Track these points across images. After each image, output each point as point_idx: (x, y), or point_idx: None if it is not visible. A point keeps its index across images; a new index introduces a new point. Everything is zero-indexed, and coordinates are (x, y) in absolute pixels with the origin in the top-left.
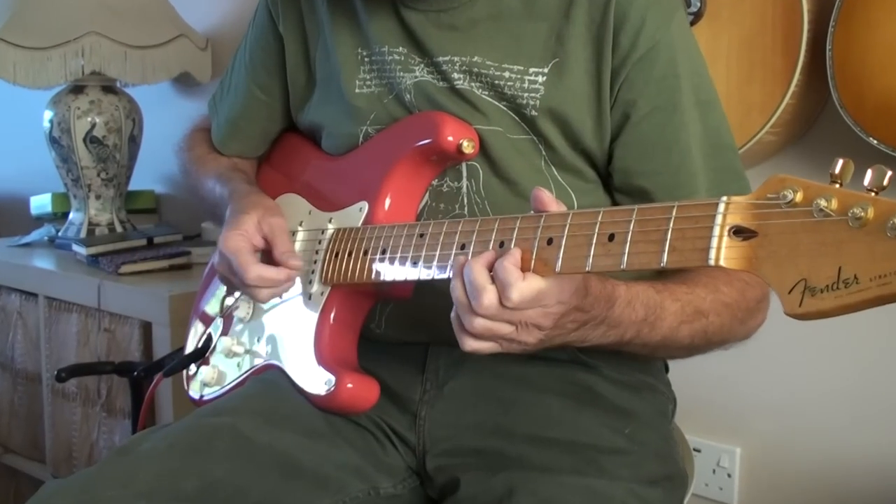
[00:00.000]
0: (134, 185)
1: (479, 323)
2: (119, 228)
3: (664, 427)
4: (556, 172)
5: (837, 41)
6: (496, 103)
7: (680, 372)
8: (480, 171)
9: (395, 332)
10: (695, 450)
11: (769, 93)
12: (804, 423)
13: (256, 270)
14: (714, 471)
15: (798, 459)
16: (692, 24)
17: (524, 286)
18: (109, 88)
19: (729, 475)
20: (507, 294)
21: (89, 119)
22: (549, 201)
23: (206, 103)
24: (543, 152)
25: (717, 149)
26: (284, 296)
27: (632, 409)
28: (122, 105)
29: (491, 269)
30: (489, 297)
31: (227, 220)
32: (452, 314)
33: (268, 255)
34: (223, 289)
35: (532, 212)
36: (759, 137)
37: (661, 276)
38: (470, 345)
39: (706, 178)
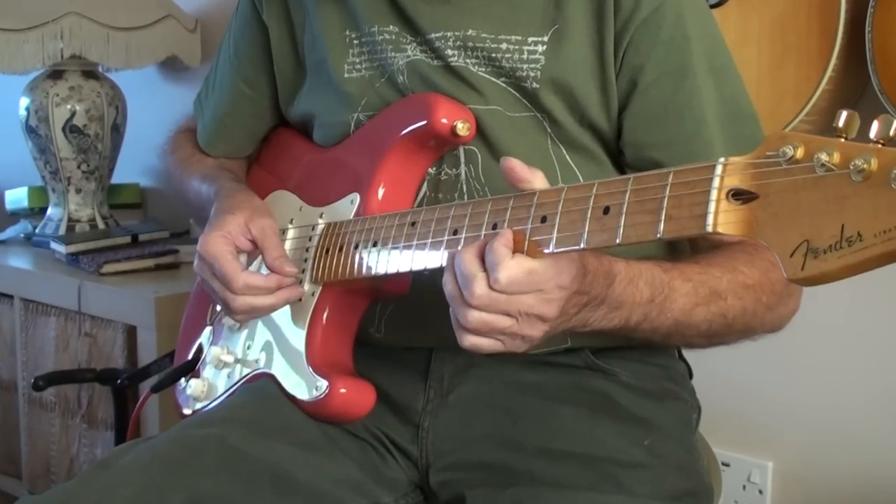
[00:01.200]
0: (117, 178)
1: (474, 316)
2: (101, 225)
3: (688, 438)
4: (563, 151)
5: (878, 22)
6: (494, 80)
7: (706, 379)
8: (479, 156)
9: (395, 337)
10: (723, 464)
11: (804, 78)
12: (841, 436)
13: (244, 278)
14: (744, 487)
15: (835, 475)
16: (719, 4)
17: (513, 264)
18: (91, 73)
19: (760, 491)
20: (494, 275)
21: (69, 106)
22: (519, 167)
23: (195, 89)
24: (548, 129)
25: (736, 117)
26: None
27: (652, 419)
28: (105, 91)
29: (482, 256)
30: (480, 284)
31: (209, 221)
32: (451, 310)
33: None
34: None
35: (512, 186)
36: (793, 126)
37: (672, 256)
38: (468, 340)
39: (724, 150)
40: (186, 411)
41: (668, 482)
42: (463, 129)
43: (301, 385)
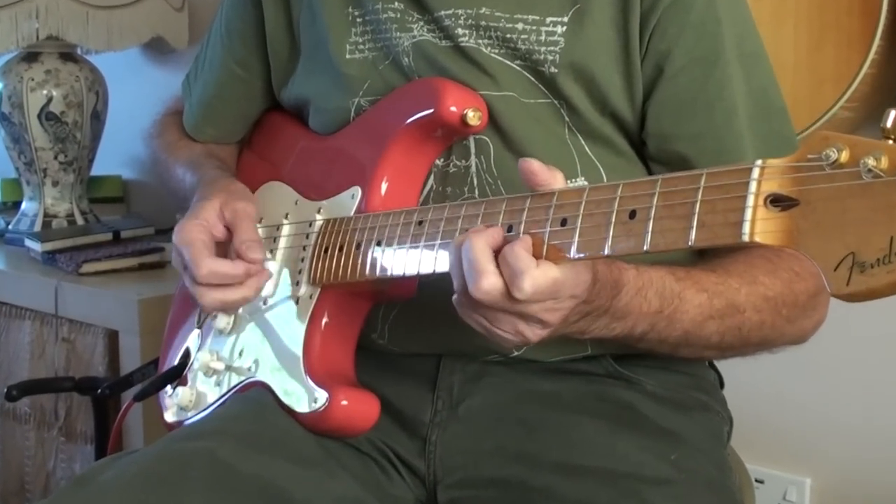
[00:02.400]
0: (97, 170)
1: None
2: (80, 221)
3: (718, 452)
4: (582, 142)
5: None
6: (508, 63)
7: (738, 388)
8: (491, 146)
9: (400, 343)
10: (757, 480)
11: (844, 61)
12: (885, 450)
13: (208, 264)
14: None
15: (878, 492)
16: None
17: (539, 274)
18: (69, 56)
19: None
20: (519, 284)
21: (45, 92)
22: (540, 171)
23: (182, 74)
24: (566, 117)
25: (765, 111)
26: (270, 301)
27: (679, 432)
28: (84, 75)
29: (496, 251)
30: (490, 280)
31: (188, 211)
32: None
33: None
34: None
35: (530, 189)
36: (832, 113)
37: (689, 260)
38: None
39: (753, 146)
40: (172, 421)
41: (697, 500)
42: (474, 117)
43: (298, 396)
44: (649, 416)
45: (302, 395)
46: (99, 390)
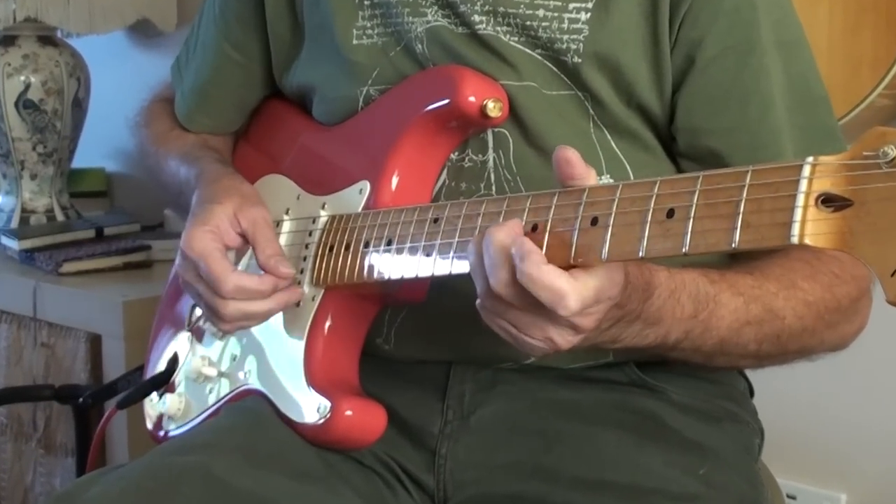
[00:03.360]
0: (79, 162)
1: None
2: (60, 217)
3: (749, 466)
4: (608, 137)
5: None
6: (529, 52)
7: (770, 397)
8: (510, 140)
9: (408, 348)
10: (789, 496)
11: (883, 44)
12: None
13: (235, 280)
14: None
15: None
16: None
17: (580, 288)
18: (48, 39)
19: None
20: (564, 303)
21: (22, 78)
22: (578, 162)
23: (170, 59)
24: (591, 110)
25: (806, 102)
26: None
27: (708, 444)
28: (65, 60)
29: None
30: (502, 273)
31: (192, 212)
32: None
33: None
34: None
35: (563, 181)
36: (869, 101)
37: (723, 264)
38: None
39: (792, 139)
40: (156, 430)
41: None
42: (494, 108)
43: (299, 405)
44: (675, 427)
45: (302, 405)
46: (80, 399)
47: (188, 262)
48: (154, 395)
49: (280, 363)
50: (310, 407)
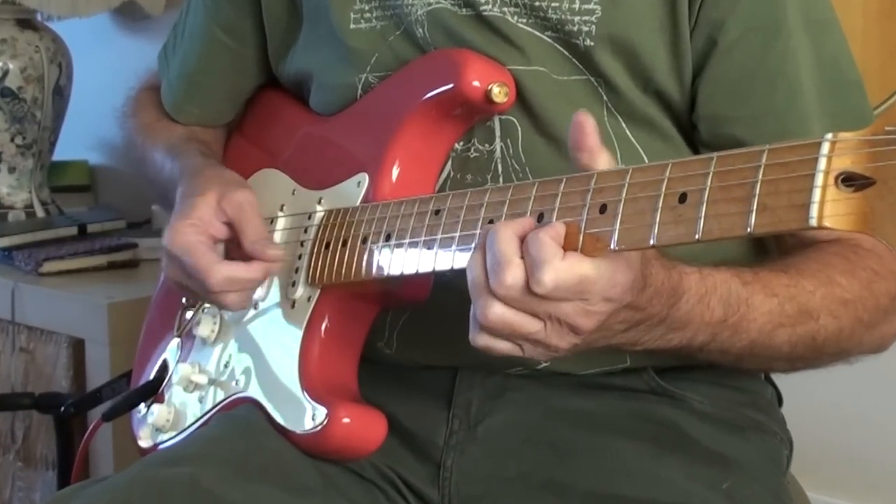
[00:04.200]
0: (60, 155)
1: (496, 312)
2: (40, 213)
3: (776, 480)
4: (622, 125)
5: None
6: (538, 34)
7: (798, 405)
8: (519, 128)
9: (410, 353)
10: None
11: None
12: None
13: (222, 271)
14: None
15: None
16: None
17: (563, 267)
18: (27, 23)
19: None
20: (538, 276)
21: (0, 64)
22: (592, 132)
23: (158, 44)
24: (604, 97)
25: (836, 86)
26: (261, 305)
27: (732, 456)
28: (45, 45)
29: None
30: (514, 273)
31: (175, 209)
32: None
33: (235, 248)
34: (182, 298)
35: (573, 154)
36: None
37: (756, 256)
38: (481, 339)
39: (822, 127)
40: (146, 445)
41: None
42: (500, 94)
43: (293, 413)
44: (697, 438)
45: (297, 413)
46: (62, 408)
47: (173, 261)
48: (142, 405)
49: (274, 368)
50: (305, 415)
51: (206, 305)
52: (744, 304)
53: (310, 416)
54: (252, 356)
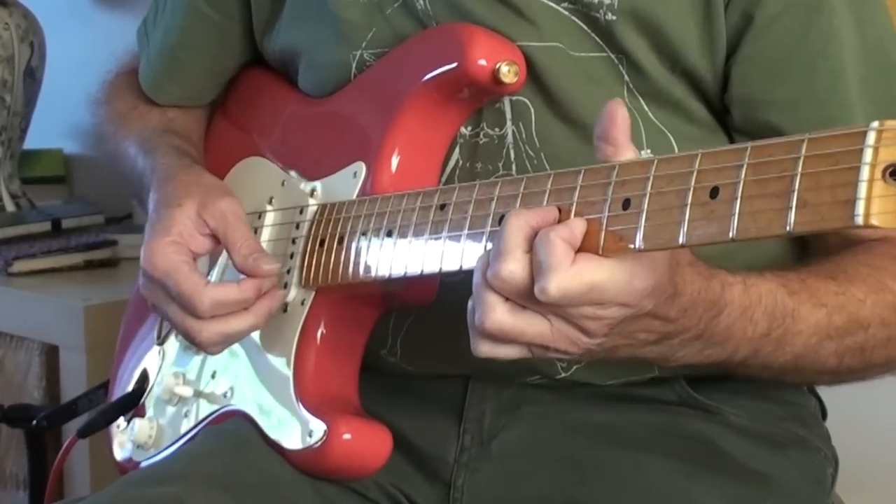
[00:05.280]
0: (32, 143)
1: (495, 315)
2: (10, 207)
3: (820, 500)
4: (645, 107)
5: None
6: (553, 5)
7: (843, 419)
8: (532, 110)
9: (416, 361)
10: None
11: None
12: None
13: (210, 295)
14: None
15: None
16: None
17: (570, 276)
18: None
19: None
20: (542, 283)
21: None
22: (623, 122)
23: (138, 20)
24: (626, 76)
25: (882, 70)
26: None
27: (772, 475)
28: (15, 22)
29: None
30: (511, 267)
31: (149, 220)
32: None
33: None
34: None
35: (598, 143)
36: None
37: (800, 258)
38: (483, 348)
39: (865, 114)
40: (126, 462)
41: None
42: (509, 73)
43: (288, 428)
44: (734, 454)
45: (292, 428)
46: (34, 421)
47: (153, 283)
48: (121, 419)
49: (266, 379)
50: (301, 430)
51: None
52: (789, 316)
53: (307, 432)
54: (242, 365)
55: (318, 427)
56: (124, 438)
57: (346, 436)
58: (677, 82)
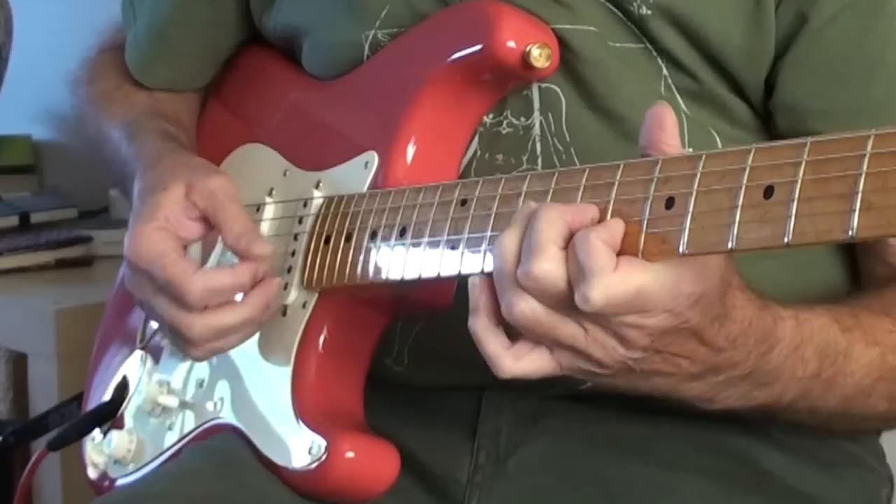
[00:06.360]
0: None
1: (524, 308)
2: None
3: None
4: (684, 106)
5: None
6: None
7: None
8: (563, 99)
9: (426, 371)
10: None
11: None
12: None
13: (201, 281)
14: None
15: None
16: None
17: (616, 280)
18: None
19: None
20: (585, 291)
21: None
22: (673, 132)
23: (120, 4)
24: (664, 70)
25: None
26: None
27: (820, 496)
28: None
29: (571, 232)
30: (545, 266)
31: (134, 208)
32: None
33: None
34: None
35: (644, 143)
36: None
37: (851, 284)
38: (507, 368)
39: None
40: (101, 480)
41: None
42: (540, 57)
43: (285, 445)
44: (777, 473)
45: (289, 444)
46: (2, 436)
47: (138, 274)
48: (97, 431)
49: (261, 390)
50: (300, 447)
51: None
52: (841, 355)
53: (305, 449)
54: (234, 374)
55: (318, 444)
56: (100, 453)
57: (350, 454)
58: (720, 82)
